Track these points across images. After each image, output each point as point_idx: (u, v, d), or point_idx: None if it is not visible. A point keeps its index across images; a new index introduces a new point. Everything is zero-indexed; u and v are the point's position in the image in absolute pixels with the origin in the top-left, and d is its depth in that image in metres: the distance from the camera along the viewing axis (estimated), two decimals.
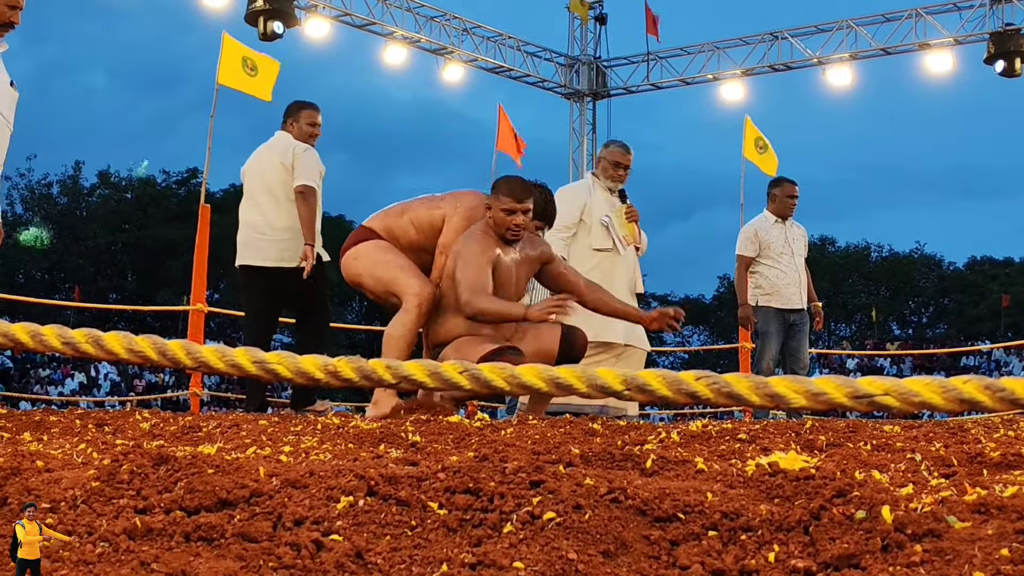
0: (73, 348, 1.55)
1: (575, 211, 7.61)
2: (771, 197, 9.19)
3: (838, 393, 1.39)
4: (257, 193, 7.26)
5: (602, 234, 7.65)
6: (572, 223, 7.58)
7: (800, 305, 8.97)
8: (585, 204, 7.67)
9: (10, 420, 4.60)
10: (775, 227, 9.02)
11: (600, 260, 7.61)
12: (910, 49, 18.32)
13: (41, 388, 32.88)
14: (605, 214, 7.66)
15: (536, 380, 1.49)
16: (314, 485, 2.21)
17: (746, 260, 8.95)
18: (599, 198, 7.73)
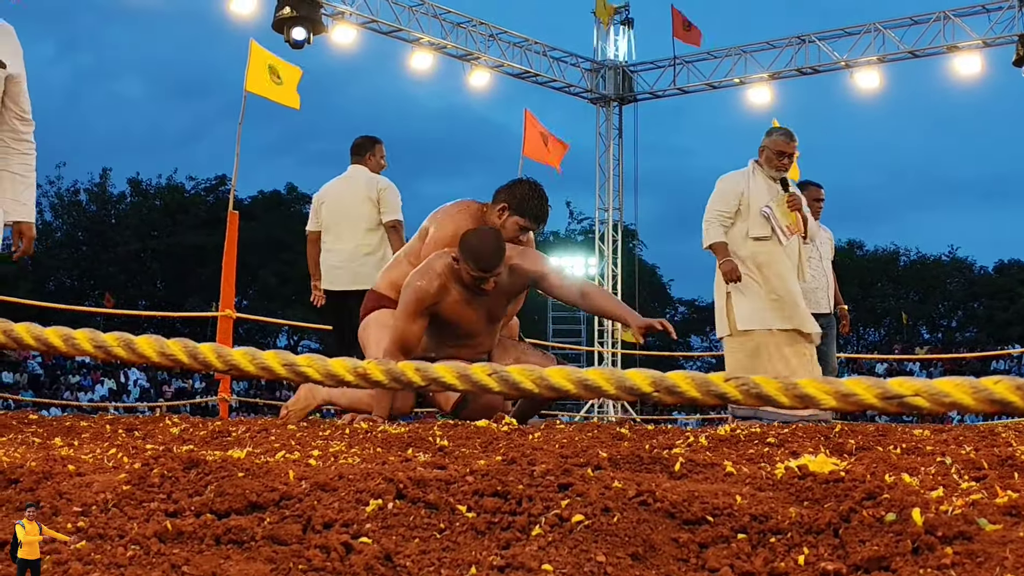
0: (105, 351, 1.56)
1: (732, 199, 7.41)
2: None
3: (868, 394, 1.38)
4: (339, 223, 7.97)
5: (760, 223, 7.38)
6: (729, 210, 7.39)
7: (828, 309, 8.93)
8: (743, 192, 7.42)
9: (41, 425, 4.63)
10: None
11: (757, 249, 7.37)
12: (938, 52, 18.22)
13: (71, 394, 33.07)
14: (765, 204, 7.39)
15: (564, 382, 1.50)
16: (343, 488, 2.21)
17: None
18: (759, 186, 7.46)
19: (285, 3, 16.15)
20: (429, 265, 5.70)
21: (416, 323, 5.61)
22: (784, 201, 7.41)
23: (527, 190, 5.91)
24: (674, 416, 25.13)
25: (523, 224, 5.86)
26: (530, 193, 5.90)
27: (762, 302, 7.19)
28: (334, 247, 7.98)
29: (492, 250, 5.56)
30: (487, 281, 5.57)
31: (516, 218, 5.85)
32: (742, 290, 7.26)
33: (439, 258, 5.69)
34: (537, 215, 5.90)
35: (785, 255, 7.41)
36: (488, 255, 5.53)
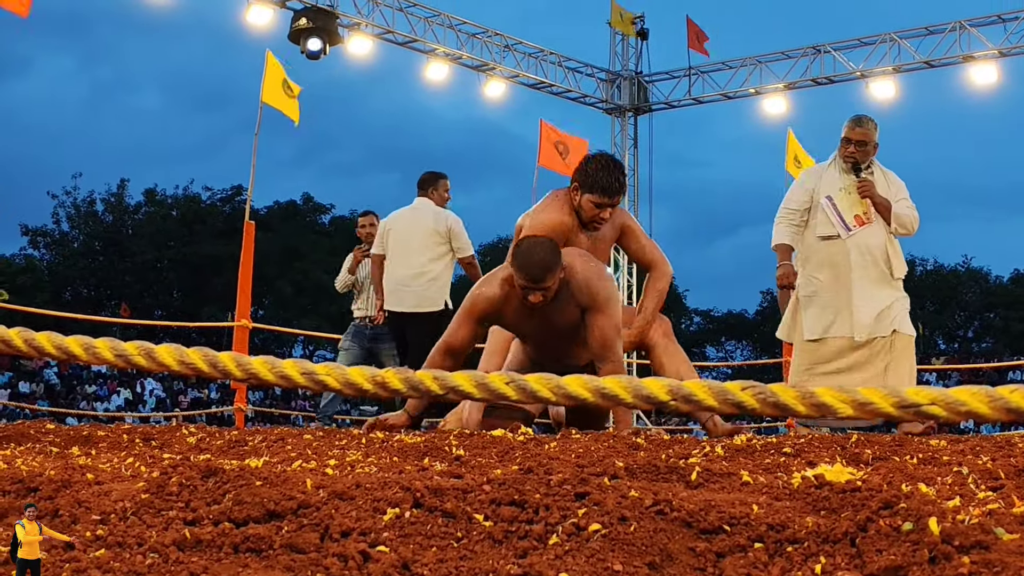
0: (125, 360, 1.57)
1: (802, 194, 6.81)
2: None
3: (884, 403, 1.38)
4: (405, 251, 8.66)
5: (824, 219, 6.70)
6: (798, 207, 6.78)
7: None
8: (815, 186, 6.78)
9: (58, 435, 4.65)
10: None
11: (824, 250, 6.68)
12: (954, 62, 18.19)
13: (87, 404, 33.18)
14: (826, 195, 6.71)
15: (581, 391, 1.50)
16: (360, 497, 2.22)
17: None
18: (831, 177, 6.78)
19: (301, 14, 16.22)
20: (494, 272, 5.57)
21: (465, 328, 5.46)
22: (854, 187, 6.68)
23: (595, 164, 5.72)
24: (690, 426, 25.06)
25: (596, 200, 5.66)
26: (597, 167, 5.70)
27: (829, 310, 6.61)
28: (397, 272, 8.68)
29: (536, 261, 5.24)
30: (533, 293, 5.28)
31: (588, 195, 5.67)
32: (809, 296, 6.69)
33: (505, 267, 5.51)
34: (606, 188, 5.65)
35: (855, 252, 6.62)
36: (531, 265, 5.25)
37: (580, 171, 5.76)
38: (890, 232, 6.70)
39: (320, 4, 16.38)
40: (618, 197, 5.69)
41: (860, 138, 6.75)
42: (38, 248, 47.82)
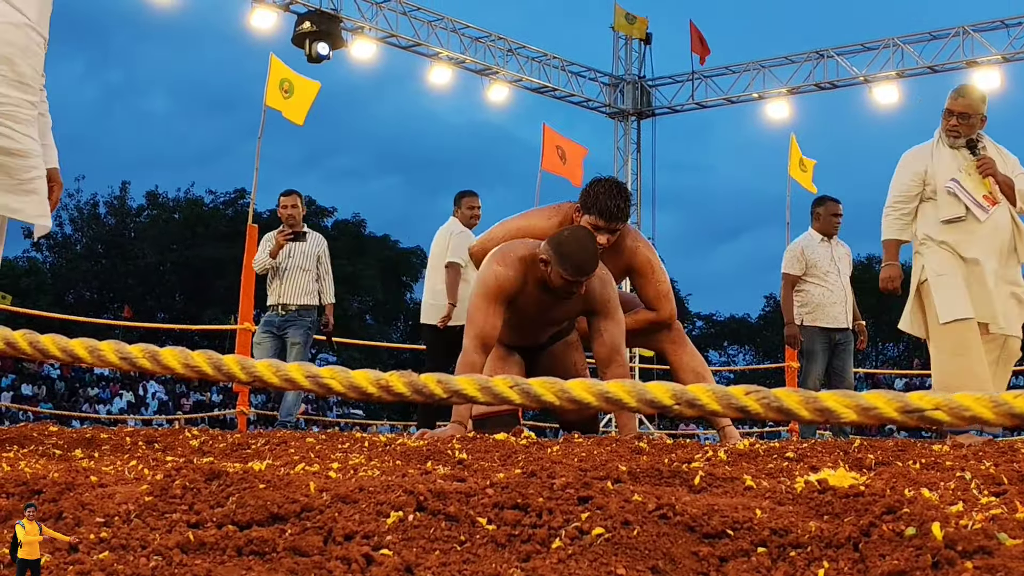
0: (130, 363, 1.58)
1: (911, 180, 6.37)
2: (815, 216, 9.15)
3: (888, 407, 1.39)
4: (432, 266, 9.22)
5: (949, 202, 6.23)
6: (908, 195, 6.37)
7: (846, 324, 8.91)
8: (926, 169, 6.33)
9: (61, 437, 4.65)
10: (821, 246, 8.97)
11: (951, 233, 6.22)
12: (957, 67, 18.20)
13: (90, 407, 33.18)
14: (950, 178, 6.25)
15: (585, 395, 1.50)
16: (364, 500, 2.22)
17: (792, 279, 8.90)
18: (943, 158, 6.34)
19: (305, 18, 16.23)
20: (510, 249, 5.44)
21: (493, 313, 5.33)
22: (974, 167, 6.25)
23: (599, 187, 5.65)
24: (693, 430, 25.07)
25: (593, 223, 5.57)
26: (600, 190, 5.63)
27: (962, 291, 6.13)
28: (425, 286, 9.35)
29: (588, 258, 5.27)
30: (580, 285, 5.31)
31: (587, 217, 5.60)
32: (942, 278, 6.22)
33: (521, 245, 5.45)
34: (605, 211, 5.57)
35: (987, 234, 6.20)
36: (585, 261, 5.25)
37: (584, 192, 5.71)
38: (1015, 211, 6.30)
39: (324, 8, 16.40)
40: (616, 224, 5.59)
41: (962, 109, 6.36)
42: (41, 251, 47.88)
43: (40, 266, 46.37)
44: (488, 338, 5.33)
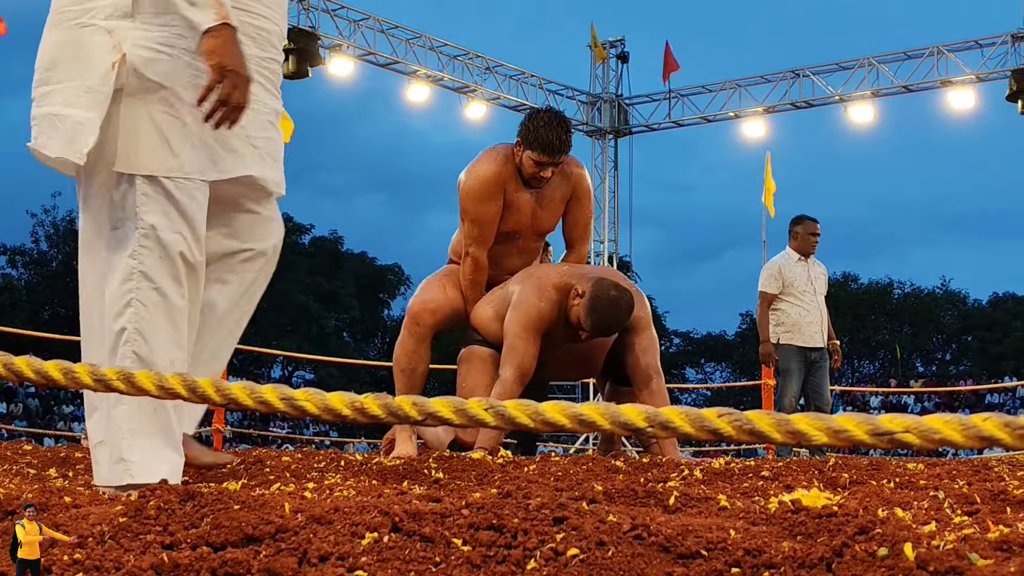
0: (105, 386, 1.58)
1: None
2: (793, 235, 9.19)
3: (859, 430, 1.40)
4: None
5: None
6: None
7: (821, 344, 8.95)
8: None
9: (36, 456, 4.64)
10: (798, 265, 9.01)
11: None
12: (932, 86, 18.35)
13: (65, 425, 33.01)
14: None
15: (559, 417, 1.51)
16: (339, 521, 2.22)
17: (768, 297, 8.93)
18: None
19: None
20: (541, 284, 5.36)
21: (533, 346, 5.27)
22: None
23: (539, 121, 5.47)
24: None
25: (536, 158, 5.43)
26: (540, 123, 5.45)
27: None
28: None
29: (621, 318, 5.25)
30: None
31: (528, 152, 5.44)
32: None
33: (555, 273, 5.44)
34: (547, 145, 5.40)
35: None
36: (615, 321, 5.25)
37: (523, 127, 5.53)
38: None
39: (301, 25, 16.41)
40: (560, 157, 5.47)
41: None
42: (16, 267, 47.64)
43: (15, 283, 46.13)
44: (528, 370, 5.27)
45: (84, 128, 3.34)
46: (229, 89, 3.22)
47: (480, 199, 5.47)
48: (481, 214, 5.49)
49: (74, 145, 3.36)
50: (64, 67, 3.46)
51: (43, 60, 3.54)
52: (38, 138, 3.48)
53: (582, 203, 5.84)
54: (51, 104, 3.45)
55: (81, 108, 3.38)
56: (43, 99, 3.49)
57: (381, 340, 54.18)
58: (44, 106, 3.48)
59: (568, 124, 5.64)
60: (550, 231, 5.88)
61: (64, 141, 3.39)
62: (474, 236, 5.55)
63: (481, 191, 5.48)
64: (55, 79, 3.48)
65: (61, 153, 3.38)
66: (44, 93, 3.49)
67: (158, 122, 3.39)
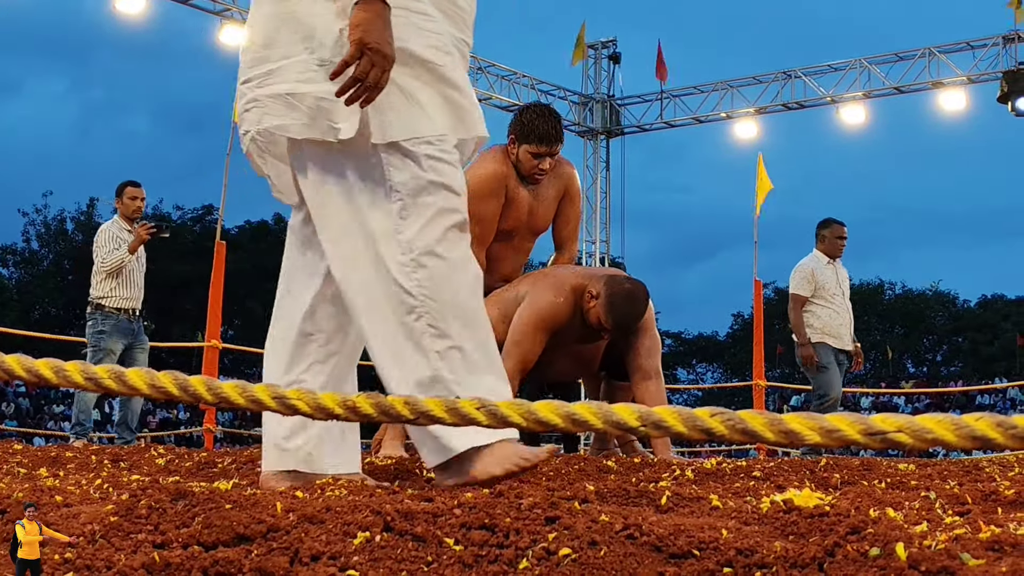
0: (96, 384, 1.57)
1: None
2: (820, 238, 9.16)
3: (852, 430, 1.40)
4: None
5: None
6: None
7: (850, 346, 8.95)
8: None
9: (26, 455, 4.62)
10: (827, 267, 9.00)
11: None
12: (923, 87, 18.37)
13: (55, 424, 32.94)
14: None
15: (552, 416, 1.51)
16: (331, 520, 2.22)
17: (801, 300, 8.87)
18: None
19: None
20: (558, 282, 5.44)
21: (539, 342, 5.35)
22: None
23: (531, 114, 5.61)
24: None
25: (533, 150, 5.53)
26: (532, 116, 5.58)
27: None
28: None
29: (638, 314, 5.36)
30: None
31: (524, 146, 5.54)
32: None
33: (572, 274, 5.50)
34: (543, 136, 5.52)
35: None
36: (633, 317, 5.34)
37: (515, 122, 5.63)
38: None
39: None
40: (556, 146, 5.56)
41: None
42: (7, 266, 47.58)
43: (6, 282, 46.06)
44: (529, 365, 5.33)
45: (331, 104, 3.15)
46: (367, 67, 3.04)
47: (482, 197, 5.50)
48: (483, 212, 5.51)
49: (320, 123, 3.18)
50: (286, 41, 3.26)
51: (257, 37, 3.34)
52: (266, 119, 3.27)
53: (574, 201, 5.92)
54: (281, 82, 3.24)
55: (320, 82, 3.18)
56: (267, 78, 3.28)
57: None
58: (270, 85, 3.26)
59: (558, 115, 5.75)
60: (544, 230, 5.92)
61: (308, 120, 3.20)
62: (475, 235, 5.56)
63: (483, 189, 5.50)
64: (277, 56, 3.27)
65: (307, 133, 3.21)
66: (267, 72, 3.28)
67: (403, 86, 3.20)
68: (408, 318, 3.17)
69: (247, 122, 3.36)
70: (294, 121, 3.22)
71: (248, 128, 3.37)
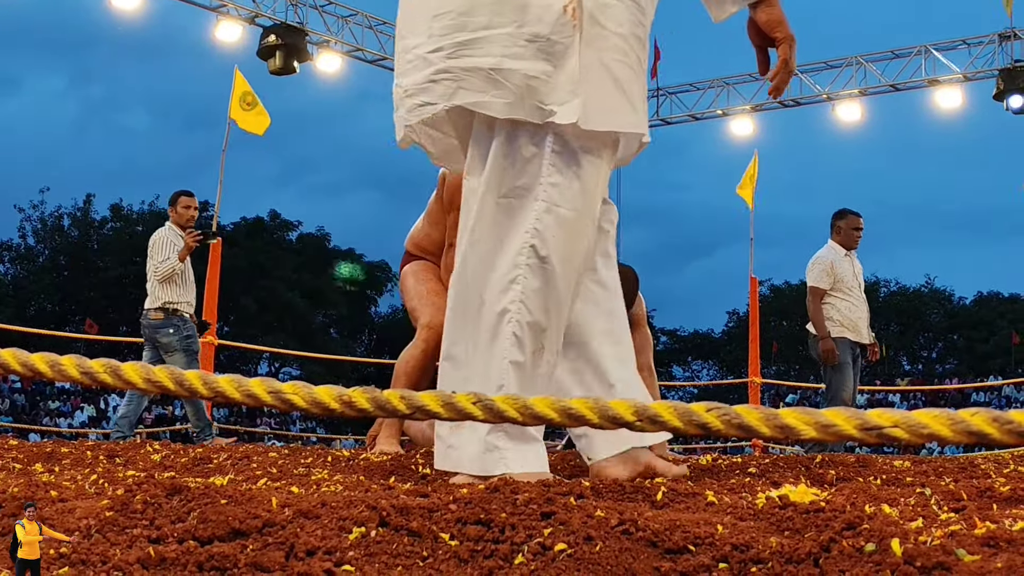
0: (92, 378, 1.57)
1: None
2: (836, 229, 9.05)
3: (848, 425, 1.40)
4: None
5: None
6: None
7: (868, 339, 8.87)
8: None
9: (21, 451, 4.62)
10: (845, 259, 8.92)
11: None
12: (919, 85, 18.38)
13: (51, 420, 32.92)
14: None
15: (548, 411, 1.51)
16: (326, 516, 2.22)
17: (820, 292, 8.75)
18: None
19: (270, 31, 16.20)
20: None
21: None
22: None
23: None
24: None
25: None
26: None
27: None
28: None
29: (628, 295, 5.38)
30: None
31: None
32: None
33: None
34: None
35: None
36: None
37: None
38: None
39: (289, 21, 16.37)
40: None
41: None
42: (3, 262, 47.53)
43: (1, 278, 46.01)
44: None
45: (541, 84, 2.97)
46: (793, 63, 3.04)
47: None
48: None
49: (527, 103, 2.98)
50: (491, 10, 3.01)
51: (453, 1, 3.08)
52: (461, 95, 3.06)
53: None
54: (484, 55, 3.02)
55: (530, 59, 2.98)
56: (464, 48, 3.05)
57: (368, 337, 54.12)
58: (469, 56, 3.04)
59: None
60: None
61: (515, 98, 2.99)
62: None
63: None
64: (478, 24, 3.03)
65: (511, 113, 3.00)
66: (464, 41, 3.05)
67: (615, 74, 3.05)
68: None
69: (433, 94, 3.13)
70: (497, 99, 3.01)
71: (435, 101, 3.14)
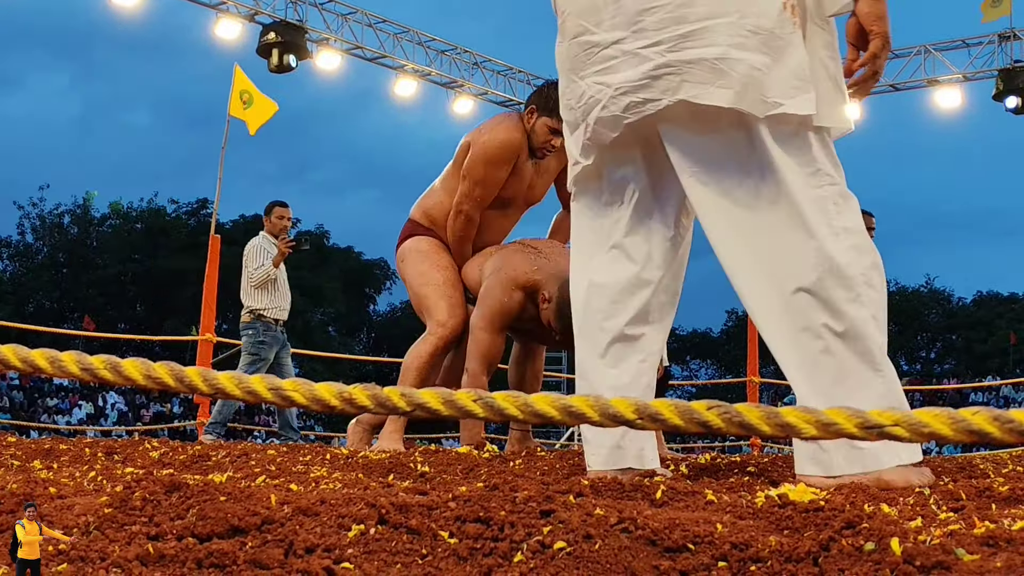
0: (91, 374, 1.57)
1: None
2: None
3: (848, 423, 1.40)
4: None
5: None
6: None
7: None
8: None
9: (20, 448, 4.62)
10: None
11: None
12: (919, 85, 18.39)
13: (49, 417, 32.92)
14: None
15: (549, 409, 1.51)
16: (325, 513, 2.22)
17: None
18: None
19: (270, 29, 16.20)
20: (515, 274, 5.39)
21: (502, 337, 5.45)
22: None
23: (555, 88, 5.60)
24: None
25: (552, 125, 5.45)
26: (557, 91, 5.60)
27: None
28: None
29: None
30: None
31: (544, 119, 5.51)
32: None
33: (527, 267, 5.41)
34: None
35: None
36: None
37: (538, 95, 5.63)
38: None
39: (289, 19, 16.37)
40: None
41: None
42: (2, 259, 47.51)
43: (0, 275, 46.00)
44: (495, 361, 5.38)
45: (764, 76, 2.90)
46: (884, 60, 2.93)
47: (496, 163, 5.55)
48: (490, 177, 5.56)
49: (751, 94, 2.91)
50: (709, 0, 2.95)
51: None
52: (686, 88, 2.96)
53: None
54: (709, 44, 2.94)
55: (753, 51, 2.91)
56: (684, 41, 2.97)
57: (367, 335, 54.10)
58: (691, 48, 2.97)
59: None
60: (539, 201, 5.94)
61: (740, 87, 2.92)
62: (475, 197, 5.62)
63: (499, 156, 5.56)
64: (698, 15, 2.95)
65: (736, 103, 2.92)
66: (685, 34, 2.97)
67: (829, 68, 3.02)
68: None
69: (655, 90, 3.04)
70: (723, 89, 2.93)
71: (658, 96, 3.04)
